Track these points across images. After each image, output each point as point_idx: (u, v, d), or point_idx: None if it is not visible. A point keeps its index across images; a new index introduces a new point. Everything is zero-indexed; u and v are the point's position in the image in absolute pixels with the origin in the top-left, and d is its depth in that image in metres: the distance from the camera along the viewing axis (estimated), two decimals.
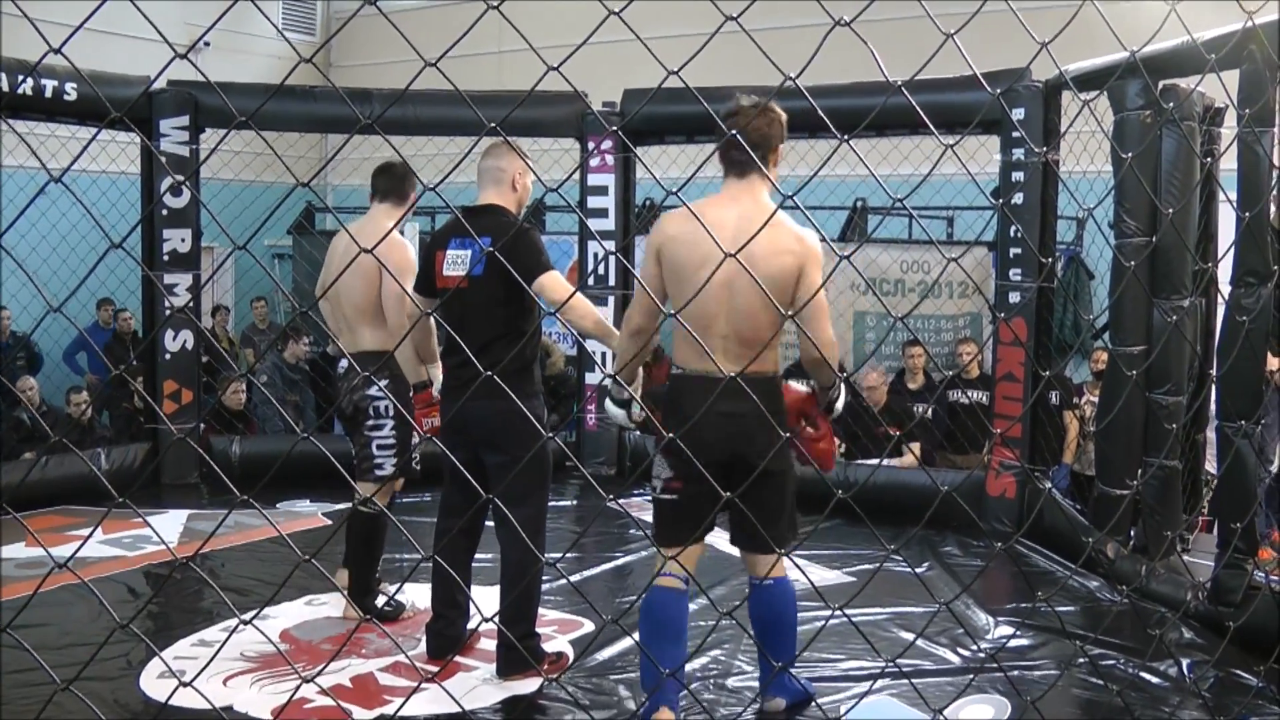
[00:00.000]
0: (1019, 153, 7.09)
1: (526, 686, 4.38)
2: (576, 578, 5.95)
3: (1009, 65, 6.58)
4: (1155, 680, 4.64)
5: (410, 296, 4.51)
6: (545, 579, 5.09)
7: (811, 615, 5.27)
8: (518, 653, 4.31)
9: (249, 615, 2.37)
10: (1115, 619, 5.39)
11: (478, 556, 4.65)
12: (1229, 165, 5.17)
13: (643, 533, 3.99)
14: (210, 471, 8.20)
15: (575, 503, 7.91)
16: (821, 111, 2.20)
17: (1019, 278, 7.15)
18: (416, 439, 5.10)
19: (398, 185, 5.10)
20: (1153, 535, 5.86)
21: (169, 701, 2.52)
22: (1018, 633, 5.20)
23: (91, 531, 2.29)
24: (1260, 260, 4.85)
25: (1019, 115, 7.01)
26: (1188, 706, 4.41)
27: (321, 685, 4.11)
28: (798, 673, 4.43)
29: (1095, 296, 9.69)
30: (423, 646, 4.70)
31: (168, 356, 8.32)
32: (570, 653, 4.78)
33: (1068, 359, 8.96)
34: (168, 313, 8.31)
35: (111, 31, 8.79)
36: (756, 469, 3.30)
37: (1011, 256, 7.24)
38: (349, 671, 4.55)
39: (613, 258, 8.36)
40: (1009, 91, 6.96)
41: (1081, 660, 4.71)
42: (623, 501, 3.74)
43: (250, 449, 8.55)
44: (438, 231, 4.74)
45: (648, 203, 10.19)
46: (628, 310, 3.99)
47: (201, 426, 8.60)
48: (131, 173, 8.80)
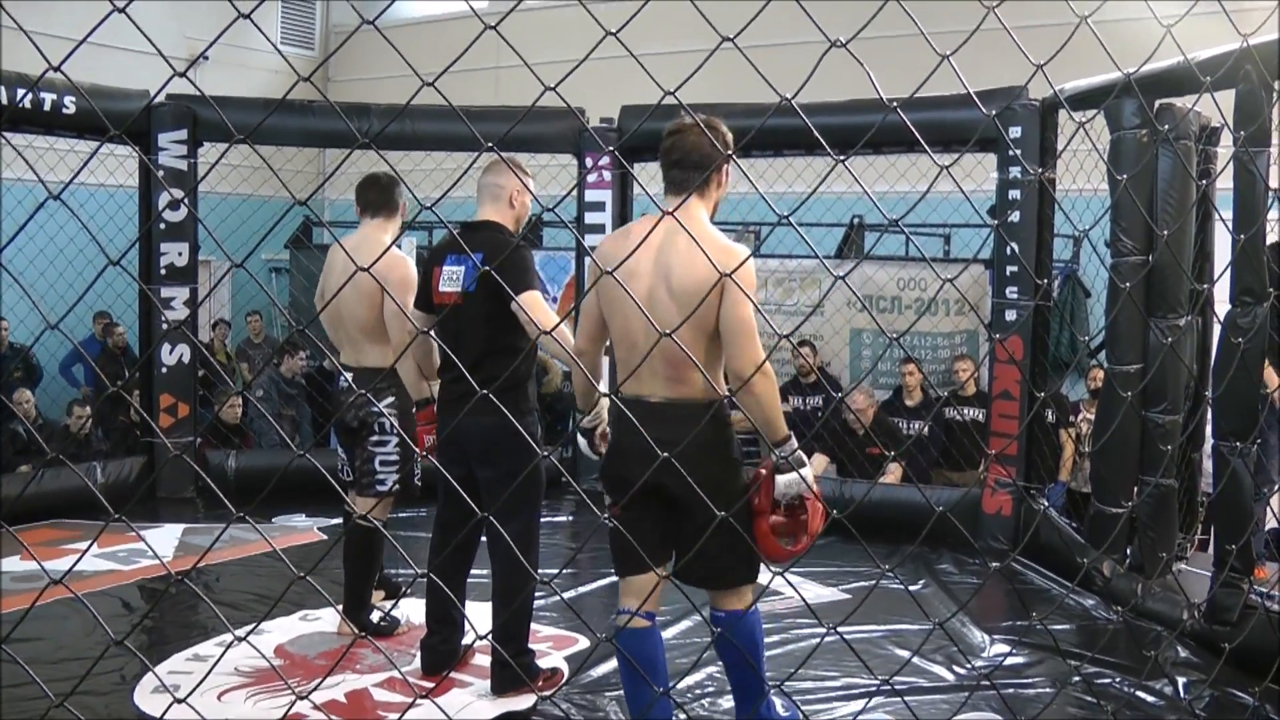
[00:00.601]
0: (1015, 171, 7.10)
1: (521, 703, 4.38)
2: (572, 594, 5.95)
3: (1008, 83, 6.62)
4: (1151, 699, 4.64)
5: (407, 315, 4.51)
6: (540, 595, 5.08)
7: (807, 633, 5.28)
8: (512, 670, 4.30)
9: (243, 630, 2.37)
10: (1111, 637, 5.39)
11: (473, 572, 4.64)
12: (1225, 185, 5.18)
13: (618, 571, 3.83)
14: (206, 486, 8.18)
15: (571, 519, 7.91)
16: (819, 128, 2.21)
17: (1015, 296, 7.16)
18: (415, 456, 5.10)
19: (388, 198, 5.10)
20: (1148, 554, 5.86)
21: (163, 717, 2.52)
22: (1013, 651, 5.19)
23: (88, 547, 2.29)
24: (1256, 280, 4.86)
25: (1016, 134, 7.03)
26: None
27: (316, 701, 4.10)
28: (790, 689, 4.43)
29: (1092, 315, 9.70)
30: (418, 662, 4.69)
31: (164, 370, 8.31)
32: (565, 669, 4.78)
33: (1064, 378, 8.97)
34: (164, 327, 8.30)
35: (111, 45, 8.82)
36: (688, 499, 3.22)
37: (1008, 274, 7.25)
38: (344, 687, 4.54)
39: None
40: (1006, 110, 6.98)
41: (1076, 679, 4.70)
42: None
43: (246, 463, 8.53)
44: (435, 247, 4.75)
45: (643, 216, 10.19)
46: (575, 335, 3.90)
47: (198, 441, 8.59)
48: (130, 186, 8.81)
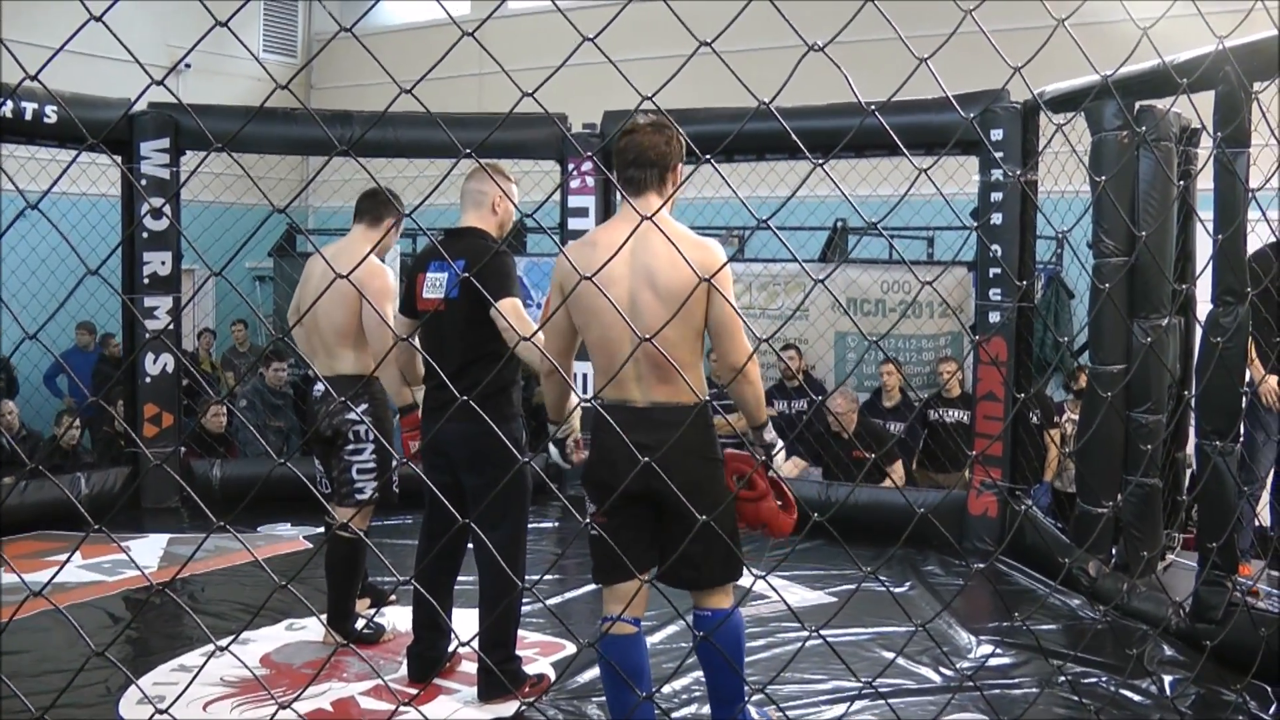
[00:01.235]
0: (998, 173, 7.12)
1: (507, 709, 4.37)
2: (558, 600, 5.94)
3: (992, 85, 6.64)
4: (1136, 698, 4.65)
5: (387, 323, 4.51)
6: (527, 601, 5.08)
7: (792, 637, 5.28)
8: (498, 676, 4.30)
9: (226, 640, 2.37)
10: (1097, 637, 5.40)
11: (459, 579, 4.64)
12: (1206, 185, 5.20)
13: (598, 579, 3.83)
14: (190, 496, 8.16)
15: (557, 525, 7.90)
16: (801, 132, 2.22)
17: (998, 297, 7.17)
18: (395, 463, 5.09)
19: (374, 207, 5.09)
20: (1133, 553, 5.88)
21: None
22: (999, 651, 5.20)
23: (68, 558, 2.28)
24: (1237, 280, 4.88)
25: (997, 136, 7.05)
26: None
27: (301, 710, 4.09)
28: (776, 693, 4.43)
29: (1076, 316, 9.73)
30: (404, 669, 4.68)
31: (148, 380, 8.28)
32: (552, 675, 4.78)
33: (1046, 378, 8.99)
34: (147, 336, 8.27)
35: (95, 54, 8.79)
36: (675, 503, 3.23)
37: (991, 276, 7.27)
38: (330, 695, 4.53)
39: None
40: (987, 112, 7.00)
41: (1062, 679, 4.72)
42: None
43: (231, 472, 8.50)
44: (419, 254, 4.75)
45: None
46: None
47: (182, 450, 8.56)
48: (112, 195, 8.79)
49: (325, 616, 5.00)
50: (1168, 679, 4.81)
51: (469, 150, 1.95)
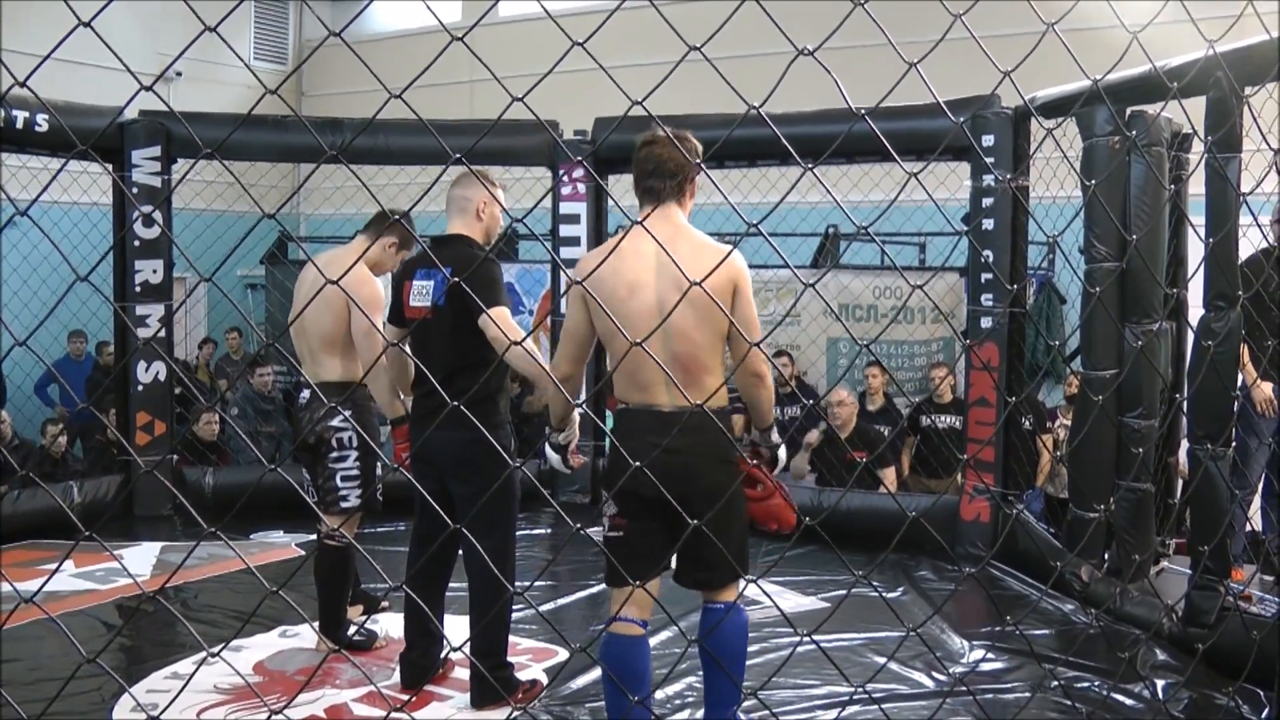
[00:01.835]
0: (989, 179, 7.12)
1: (500, 715, 4.37)
2: (551, 606, 5.93)
3: (982, 91, 6.65)
4: (1129, 702, 4.65)
5: (379, 331, 4.51)
6: (519, 607, 5.07)
7: (786, 642, 5.28)
8: (490, 683, 4.30)
9: (218, 648, 2.36)
10: (1089, 641, 5.41)
11: (451, 585, 4.63)
12: (1197, 190, 5.22)
13: (609, 579, 3.87)
14: (183, 504, 8.14)
15: (550, 531, 7.89)
16: (792, 138, 2.22)
17: (990, 303, 7.18)
18: (381, 470, 5.09)
19: (379, 223, 5.04)
20: (1125, 558, 5.89)
21: None
22: (991, 656, 5.20)
23: (58, 566, 2.27)
24: (1228, 284, 4.89)
25: (989, 141, 7.06)
26: None
27: (294, 717, 4.08)
28: (770, 699, 4.43)
29: (1067, 321, 9.75)
30: (397, 676, 4.68)
31: (140, 388, 8.26)
32: (545, 680, 4.77)
33: (1036, 383, 9.00)
34: (138, 344, 8.25)
35: (86, 62, 8.79)
36: (700, 507, 3.29)
37: (983, 282, 7.27)
38: (323, 702, 4.52)
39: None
40: (977, 118, 7.01)
41: (1054, 683, 4.72)
42: (593, 530, 3.71)
43: (223, 480, 8.48)
44: (406, 262, 4.73)
45: (619, 230, 10.21)
46: (555, 358, 3.91)
47: (174, 459, 8.54)
48: (104, 204, 8.78)
49: (318, 623, 4.99)
50: (1160, 683, 4.81)
51: (459, 155, 1.95)
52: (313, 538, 7.18)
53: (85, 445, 10.12)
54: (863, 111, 2.04)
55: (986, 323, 7.20)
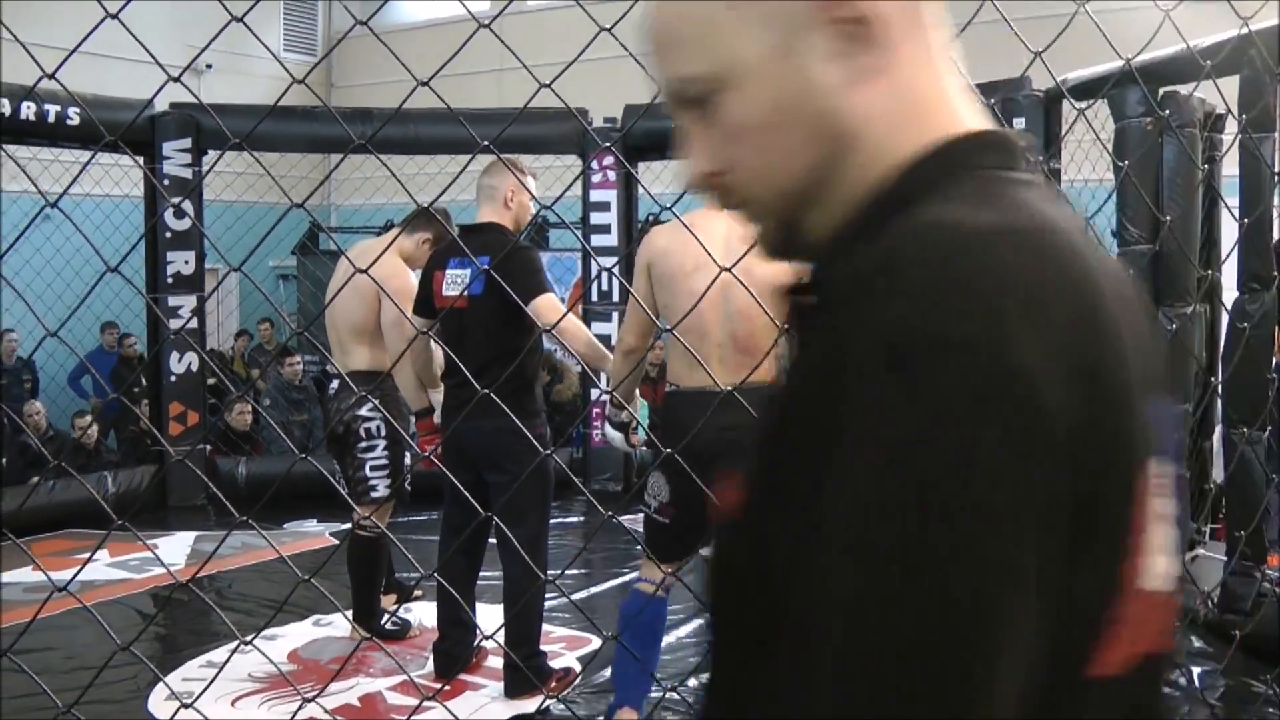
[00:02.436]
0: None
1: (533, 704, 4.38)
2: (584, 594, 5.94)
3: (1004, 74, 6.60)
4: (1165, 689, 4.61)
5: (409, 320, 4.49)
6: (552, 596, 5.08)
7: None
8: (523, 672, 4.30)
9: (251, 636, 2.37)
10: None
11: (484, 574, 4.64)
12: (1231, 171, 5.16)
13: (644, 550, 3.91)
14: (216, 494, 8.17)
15: (583, 519, 7.90)
16: None
17: None
18: (409, 460, 5.08)
19: (418, 218, 4.99)
20: None
21: None
22: None
23: (91, 555, 2.29)
24: (1263, 266, 4.85)
25: (1019, 124, 7.01)
26: (1197, 716, 4.39)
27: (329, 706, 4.10)
28: None
29: None
30: (430, 665, 4.69)
31: (173, 379, 8.31)
32: (578, 669, 4.78)
33: None
34: (170, 336, 8.31)
35: (117, 56, 8.83)
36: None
37: None
38: (357, 691, 4.55)
39: (616, 274, 8.36)
40: (1009, 101, 6.97)
41: None
42: (627, 518, 3.72)
43: (256, 469, 8.53)
44: (436, 251, 4.70)
45: (650, 218, 10.19)
46: (621, 329, 3.94)
47: (207, 449, 8.59)
48: (135, 196, 8.83)
49: (350, 612, 5.01)
50: (1196, 670, 4.77)
51: (487, 143, 1.94)
52: (346, 527, 7.20)
53: (119, 436, 10.19)
54: None
55: None
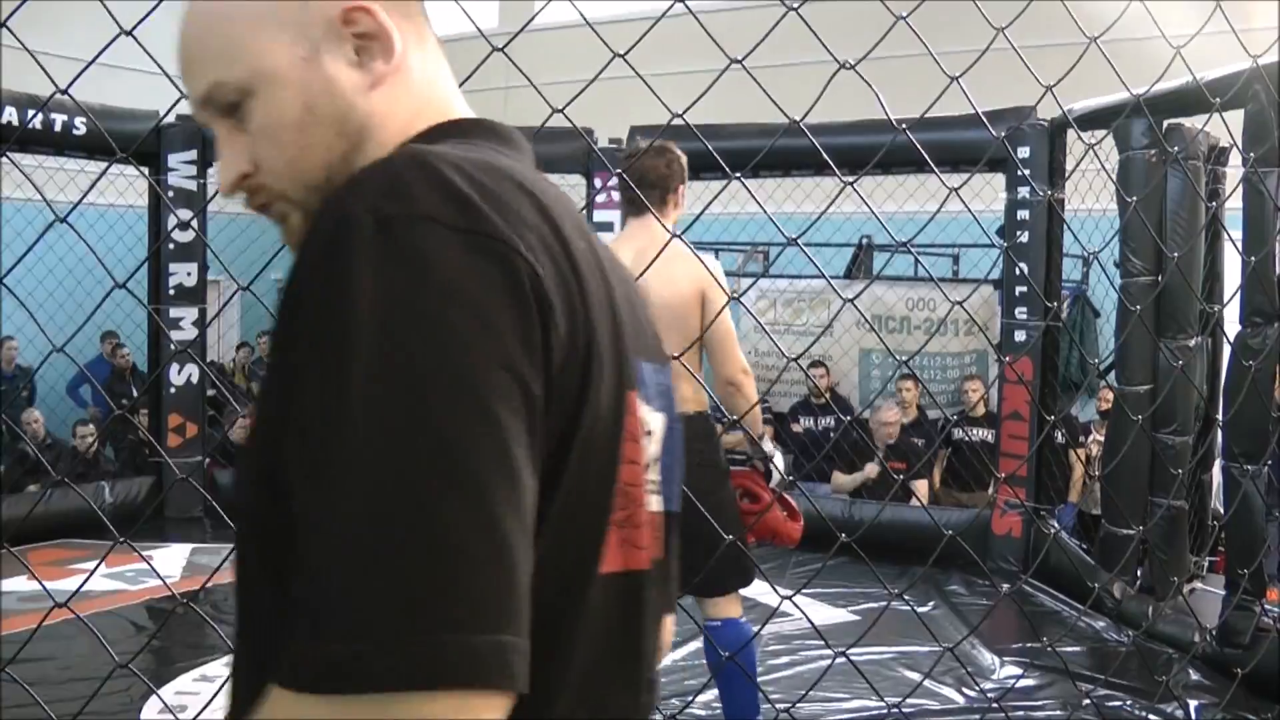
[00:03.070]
0: (1024, 191, 7.08)
1: None
2: None
3: (1019, 102, 6.61)
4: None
5: None
6: None
7: (815, 655, 5.25)
8: None
9: None
10: (1122, 660, 5.35)
11: None
12: (1235, 205, 5.17)
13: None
14: (214, 506, 8.14)
15: None
16: (828, 149, 2.21)
17: (1024, 316, 7.13)
18: None
19: None
20: (1159, 576, 5.83)
21: None
22: (1024, 673, 5.16)
23: (92, 571, 2.28)
24: (1266, 301, 4.84)
25: (1024, 154, 7.02)
26: None
27: None
28: (799, 713, 4.39)
29: (1101, 335, 9.67)
30: None
31: (172, 390, 8.30)
32: None
33: (1073, 400, 8.93)
34: (172, 348, 8.30)
35: (125, 67, 8.84)
36: (689, 513, 3.26)
37: (1017, 295, 7.23)
38: None
39: None
40: (1015, 130, 6.97)
41: (1087, 702, 4.67)
42: None
43: None
44: None
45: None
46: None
47: (206, 461, 8.57)
48: (140, 206, 8.82)
49: None
50: (1193, 704, 4.76)
51: None
52: None
53: (117, 446, 10.16)
54: (904, 125, 2.03)
55: (1020, 336, 7.15)
